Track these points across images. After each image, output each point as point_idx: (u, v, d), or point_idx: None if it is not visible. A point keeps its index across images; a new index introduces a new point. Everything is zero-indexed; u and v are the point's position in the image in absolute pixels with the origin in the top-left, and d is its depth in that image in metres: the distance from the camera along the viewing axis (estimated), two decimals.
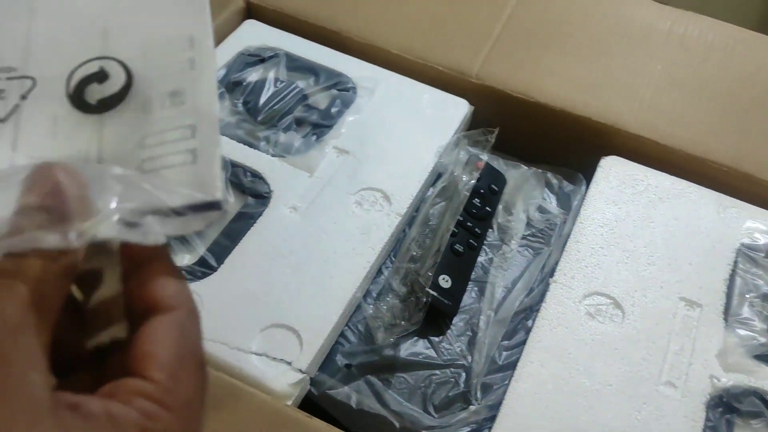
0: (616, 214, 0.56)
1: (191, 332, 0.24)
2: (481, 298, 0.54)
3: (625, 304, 0.51)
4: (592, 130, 0.63)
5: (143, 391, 0.21)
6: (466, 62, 0.65)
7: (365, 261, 0.52)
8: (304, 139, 0.59)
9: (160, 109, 0.26)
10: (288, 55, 0.65)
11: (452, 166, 0.59)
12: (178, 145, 0.26)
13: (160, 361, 0.22)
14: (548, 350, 0.48)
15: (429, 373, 0.50)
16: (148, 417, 0.21)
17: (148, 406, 0.21)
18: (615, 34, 0.68)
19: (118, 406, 0.21)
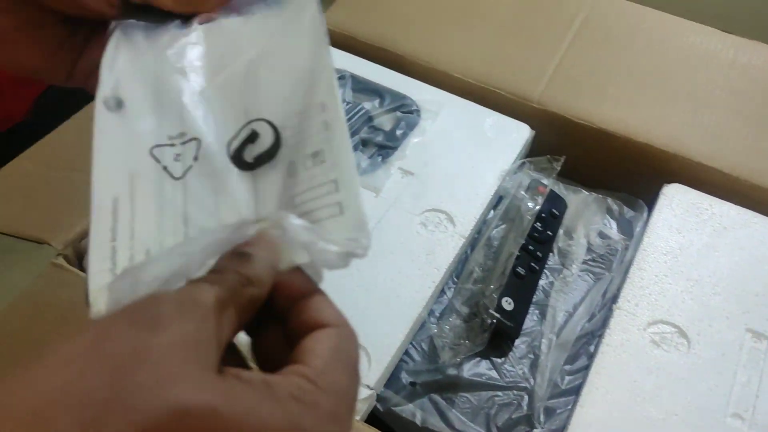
0: (680, 242, 0.56)
1: (348, 344, 0.25)
2: (543, 321, 0.55)
3: (691, 334, 0.51)
4: (653, 157, 0.63)
5: (299, 371, 0.23)
6: (528, 87, 0.66)
7: (430, 281, 0.52)
8: (370, 159, 0.60)
9: (303, 170, 0.29)
10: (354, 77, 0.67)
11: (514, 190, 0.60)
12: (325, 200, 0.28)
13: (318, 353, 0.24)
14: (613, 377, 0.48)
15: (492, 394, 0.51)
16: (300, 389, 0.22)
17: (302, 382, 0.23)
18: (678, 62, 0.68)
19: (274, 376, 0.23)
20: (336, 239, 0.26)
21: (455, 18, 0.73)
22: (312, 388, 0.23)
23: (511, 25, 0.72)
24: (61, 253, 0.52)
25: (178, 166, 0.30)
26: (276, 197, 0.29)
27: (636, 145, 0.63)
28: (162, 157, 0.31)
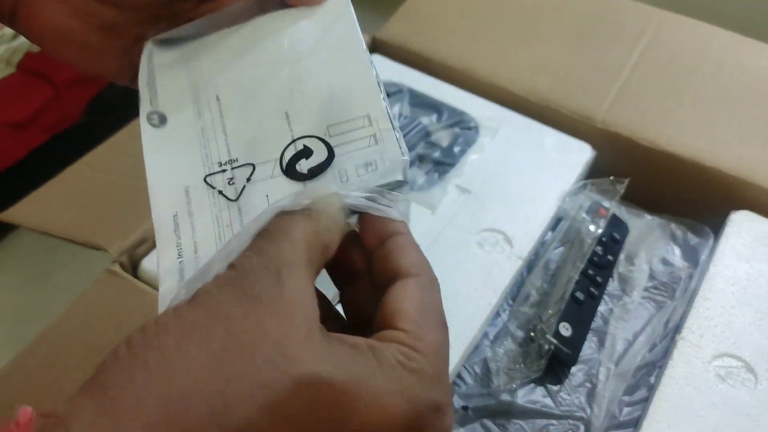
0: (748, 272, 0.54)
1: (433, 295, 0.26)
2: (601, 348, 0.53)
3: (759, 369, 0.48)
4: (721, 182, 0.61)
5: (397, 338, 0.23)
6: (591, 106, 0.65)
7: (486, 303, 0.51)
8: (427, 176, 0.60)
9: (356, 177, 0.29)
10: (411, 91, 0.66)
11: (574, 212, 0.58)
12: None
13: (408, 315, 0.24)
14: (676, 410, 0.46)
15: (546, 422, 0.49)
16: (404, 356, 0.23)
17: (404, 349, 0.23)
18: (748, 85, 0.66)
19: (378, 343, 0.23)
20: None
21: (517, 34, 0.72)
22: (414, 354, 0.23)
23: (575, 43, 0.70)
24: (117, 260, 0.53)
25: (231, 189, 0.31)
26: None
27: (703, 170, 0.61)
28: (215, 183, 0.31)
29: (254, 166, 0.31)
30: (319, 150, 0.31)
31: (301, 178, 0.31)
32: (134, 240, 0.54)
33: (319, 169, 0.31)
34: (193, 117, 0.33)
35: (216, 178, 0.31)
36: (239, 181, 0.31)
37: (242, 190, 0.31)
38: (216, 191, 0.31)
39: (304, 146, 0.31)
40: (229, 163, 0.32)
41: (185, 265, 0.28)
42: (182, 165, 0.32)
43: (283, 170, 0.31)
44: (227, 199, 0.31)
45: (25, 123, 1.42)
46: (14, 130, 1.40)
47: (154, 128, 0.33)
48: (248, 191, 0.31)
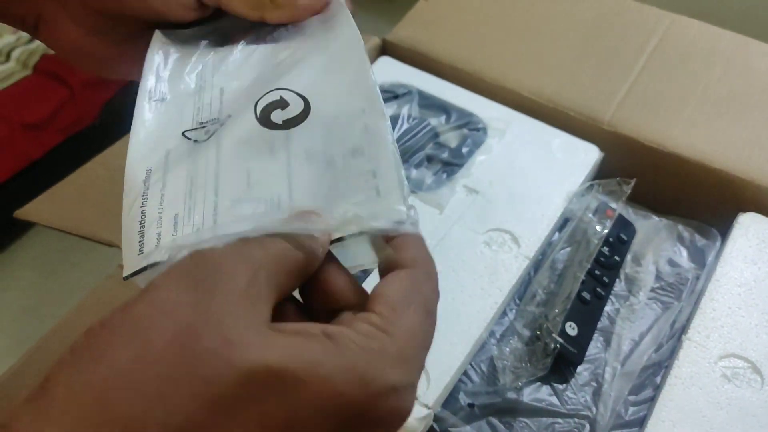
0: (755, 274, 0.54)
1: (424, 286, 0.25)
2: (607, 348, 0.53)
3: (765, 370, 0.49)
4: (728, 183, 0.61)
5: (366, 318, 0.23)
6: (598, 108, 0.65)
7: (493, 302, 0.52)
8: (435, 176, 0.60)
9: (342, 162, 0.29)
10: (420, 93, 0.67)
11: (581, 213, 0.58)
12: (362, 186, 0.29)
13: (387, 298, 0.24)
14: (681, 410, 0.47)
15: (552, 420, 0.49)
16: (365, 335, 0.22)
17: (367, 328, 0.23)
18: (757, 86, 0.66)
19: (336, 327, 0.23)
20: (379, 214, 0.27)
21: (526, 36, 0.72)
22: (378, 334, 0.23)
23: (584, 44, 0.71)
24: None
25: (204, 137, 0.31)
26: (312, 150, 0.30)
27: (710, 171, 0.61)
28: (193, 136, 0.32)
29: (230, 115, 0.32)
30: (296, 103, 0.31)
31: (275, 128, 0.31)
32: None
33: (294, 122, 0.31)
34: (192, 98, 0.34)
35: (195, 132, 0.32)
36: (212, 129, 0.32)
37: (214, 132, 0.31)
38: (192, 142, 0.31)
39: (281, 97, 0.31)
40: (211, 122, 0.32)
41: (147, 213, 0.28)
42: (167, 132, 0.32)
43: (257, 118, 0.31)
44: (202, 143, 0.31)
45: (41, 124, 1.44)
46: (31, 131, 1.42)
47: (151, 102, 0.33)
48: (223, 132, 0.31)
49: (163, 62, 0.35)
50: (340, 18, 0.36)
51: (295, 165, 0.29)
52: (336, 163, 0.29)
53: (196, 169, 0.30)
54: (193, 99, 0.34)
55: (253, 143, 0.30)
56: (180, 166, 0.30)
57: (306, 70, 0.33)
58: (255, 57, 0.35)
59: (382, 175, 0.28)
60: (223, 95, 0.34)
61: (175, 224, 0.28)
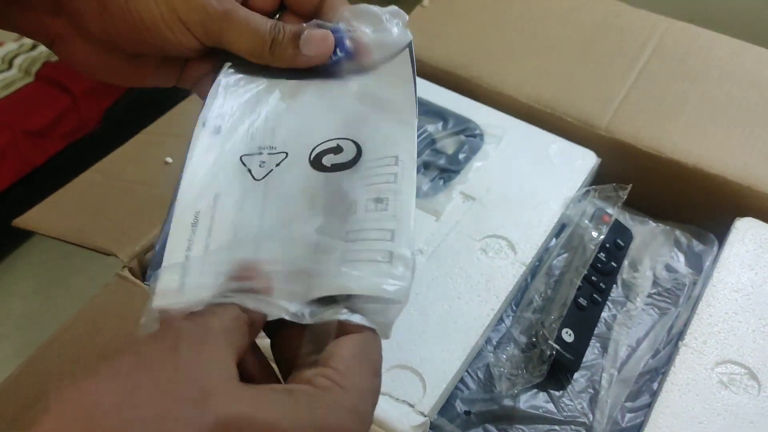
0: (752, 279, 0.54)
1: (371, 349, 0.28)
2: (604, 355, 0.53)
3: (762, 376, 0.48)
4: (725, 189, 0.61)
5: (323, 373, 0.26)
6: (595, 114, 0.65)
7: (489, 308, 0.52)
8: (432, 183, 0.60)
9: (364, 212, 0.30)
10: (418, 99, 0.67)
11: (578, 219, 0.58)
12: (377, 245, 0.29)
13: (342, 358, 0.26)
14: (677, 417, 0.47)
15: (548, 427, 0.49)
16: (323, 389, 0.25)
17: (325, 382, 0.25)
18: (753, 91, 0.66)
19: (295, 385, 0.25)
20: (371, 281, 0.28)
21: (523, 42, 0.72)
22: (334, 387, 0.25)
23: (580, 50, 0.71)
24: (127, 266, 0.54)
25: (261, 171, 0.33)
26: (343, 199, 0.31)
27: (707, 177, 0.61)
28: (248, 163, 0.33)
29: (287, 154, 0.33)
30: (350, 150, 0.33)
31: (323, 170, 0.32)
32: (144, 245, 0.55)
33: (341, 166, 0.32)
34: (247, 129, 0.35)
35: (252, 159, 0.33)
36: (269, 166, 0.33)
37: (269, 173, 0.33)
38: (246, 170, 0.33)
39: (338, 144, 0.33)
40: (268, 148, 0.34)
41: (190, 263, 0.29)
42: (221, 168, 0.33)
43: (310, 161, 0.33)
44: (253, 179, 0.32)
45: (43, 131, 1.44)
46: (32, 137, 1.43)
47: (207, 132, 0.34)
48: (274, 175, 0.32)
49: (223, 95, 0.36)
50: (404, 55, 0.38)
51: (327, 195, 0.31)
52: (358, 209, 0.30)
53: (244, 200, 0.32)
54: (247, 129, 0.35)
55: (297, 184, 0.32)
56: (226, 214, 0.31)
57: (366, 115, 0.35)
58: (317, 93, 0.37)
59: (399, 238, 0.29)
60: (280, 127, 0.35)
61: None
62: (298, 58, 0.36)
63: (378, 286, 0.27)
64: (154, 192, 0.31)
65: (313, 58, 0.36)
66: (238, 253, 0.29)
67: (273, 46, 0.35)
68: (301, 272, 0.28)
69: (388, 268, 0.28)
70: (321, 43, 0.36)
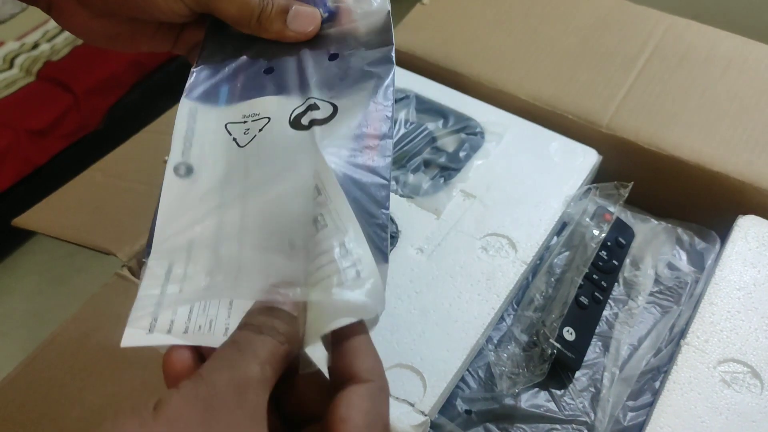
0: (755, 277, 0.54)
1: (381, 403, 0.27)
2: (605, 353, 0.53)
3: (764, 375, 0.48)
4: (728, 186, 0.60)
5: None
6: (596, 111, 0.65)
7: (490, 307, 0.51)
8: (432, 181, 0.60)
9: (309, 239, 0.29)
10: (418, 97, 0.67)
11: (579, 217, 0.58)
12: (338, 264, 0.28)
13: (353, 423, 0.25)
14: (679, 416, 0.46)
15: (550, 427, 0.49)
16: None
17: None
18: (756, 88, 0.65)
19: None
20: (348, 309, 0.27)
21: (523, 39, 0.72)
22: None
23: (582, 47, 0.70)
24: (126, 265, 0.54)
25: (245, 138, 0.34)
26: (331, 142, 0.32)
27: (709, 174, 0.61)
28: (233, 131, 0.34)
29: (270, 119, 0.34)
30: (325, 109, 0.33)
31: (301, 128, 0.33)
32: (142, 244, 0.55)
33: (321, 122, 0.33)
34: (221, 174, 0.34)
35: (236, 127, 0.34)
36: (252, 132, 0.34)
37: (252, 138, 0.34)
38: (231, 138, 0.34)
39: (315, 102, 0.33)
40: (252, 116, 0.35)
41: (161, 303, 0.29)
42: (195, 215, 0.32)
43: (290, 122, 0.33)
44: (237, 146, 0.33)
45: (45, 130, 1.44)
46: (35, 137, 1.43)
47: (179, 178, 0.33)
48: (257, 140, 0.33)
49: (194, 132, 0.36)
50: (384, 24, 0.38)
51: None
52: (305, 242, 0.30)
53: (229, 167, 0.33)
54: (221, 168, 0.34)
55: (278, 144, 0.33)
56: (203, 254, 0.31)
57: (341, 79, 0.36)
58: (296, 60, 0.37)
59: (356, 249, 0.28)
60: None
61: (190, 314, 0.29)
62: (284, 33, 0.36)
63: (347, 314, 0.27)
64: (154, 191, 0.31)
65: (300, 34, 0.37)
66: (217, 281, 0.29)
67: (261, 17, 0.36)
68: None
69: (350, 293, 0.27)
70: (308, 19, 0.36)
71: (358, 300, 0.26)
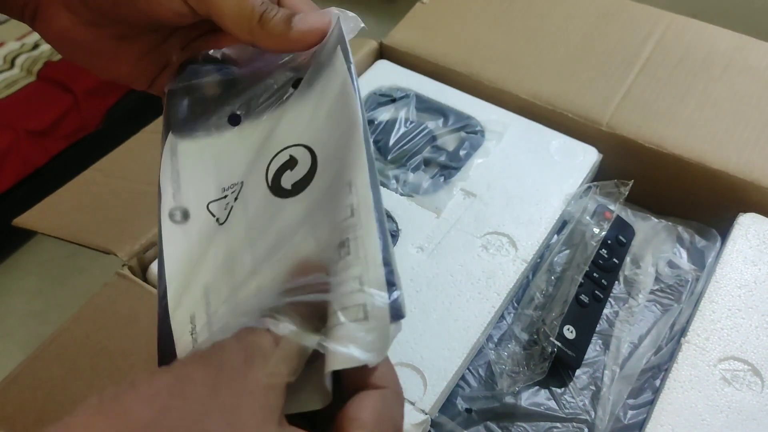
0: (756, 275, 0.54)
1: (394, 408, 0.26)
2: (606, 351, 0.53)
3: (765, 372, 0.48)
4: (728, 184, 0.60)
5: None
6: (597, 110, 0.65)
7: (490, 306, 0.51)
8: (432, 179, 0.60)
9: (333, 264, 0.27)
10: (418, 96, 0.67)
11: (579, 215, 0.58)
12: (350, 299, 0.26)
13: (363, 423, 0.25)
14: (680, 414, 0.46)
15: (550, 425, 0.49)
16: None
17: None
18: (757, 86, 0.65)
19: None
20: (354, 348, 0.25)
21: (523, 38, 0.72)
22: None
23: (582, 46, 0.70)
24: (127, 264, 0.54)
25: (224, 213, 0.31)
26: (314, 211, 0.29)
27: (710, 172, 0.60)
28: (215, 210, 0.32)
29: (243, 183, 0.31)
30: (304, 160, 0.30)
31: (285, 195, 0.30)
32: (143, 244, 0.55)
33: (302, 184, 0.29)
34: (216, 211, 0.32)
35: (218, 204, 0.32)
36: (229, 203, 0.31)
37: (230, 211, 0.31)
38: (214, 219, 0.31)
39: (290, 156, 0.30)
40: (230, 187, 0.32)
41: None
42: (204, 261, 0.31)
43: (269, 185, 0.30)
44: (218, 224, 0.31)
45: (45, 131, 1.44)
46: (35, 137, 1.43)
47: (176, 224, 0.32)
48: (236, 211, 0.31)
49: (179, 169, 0.34)
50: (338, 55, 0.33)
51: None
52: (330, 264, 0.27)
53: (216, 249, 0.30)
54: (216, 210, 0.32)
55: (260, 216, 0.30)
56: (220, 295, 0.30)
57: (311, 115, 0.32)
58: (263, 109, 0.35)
59: (368, 284, 0.25)
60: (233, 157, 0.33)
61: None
62: (288, 35, 0.32)
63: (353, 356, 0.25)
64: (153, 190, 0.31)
65: (307, 34, 0.33)
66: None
67: (263, 19, 0.32)
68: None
69: (368, 326, 0.25)
70: (318, 17, 0.33)
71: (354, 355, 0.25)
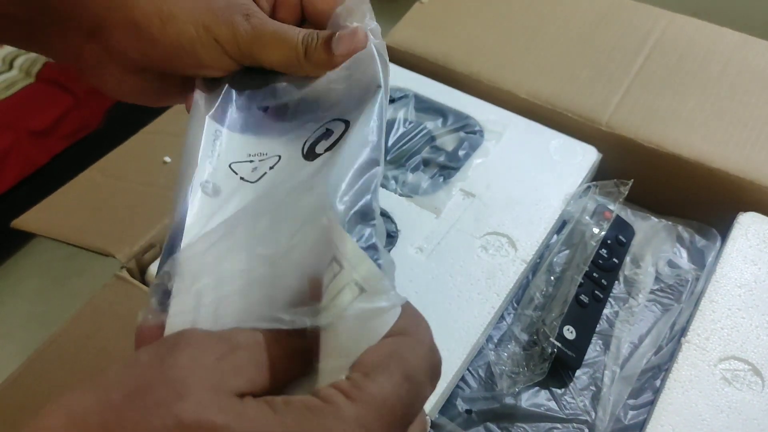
0: (756, 274, 0.53)
1: (409, 352, 0.24)
2: (606, 352, 0.53)
3: (765, 372, 0.48)
4: (728, 183, 0.60)
5: (336, 383, 0.23)
6: (596, 109, 0.65)
7: (489, 306, 0.51)
8: (432, 180, 0.60)
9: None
10: (417, 96, 0.67)
11: (579, 215, 0.58)
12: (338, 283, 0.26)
13: (362, 364, 0.24)
14: (680, 414, 0.46)
15: (550, 426, 0.49)
16: (324, 399, 0.22)
17: (330, 392, 0.23)
18: (756, 85, 0.65)
19: (297, 397, 0.23)
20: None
21: (522, 37, 0.72)
22: (337, 398, 0.22)
23: (581, 45, 0.70)
24: (125, 266, 0.54)
25: (253, 174, 0.32)
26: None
27: (709, 171, 0.60)
28: (239, 170, 0.32)
29: (280, 156, 0.32)
30: (338, 130, 0.31)
31: (313, 158, 0.31)
32: (142, 246, 0.55)
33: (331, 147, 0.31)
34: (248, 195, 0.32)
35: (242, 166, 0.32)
36: (262, 170, 0.32)
37: (263, 175, 0.32)
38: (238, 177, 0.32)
39: (326, 129, 0.32)
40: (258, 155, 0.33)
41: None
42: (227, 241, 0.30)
43: (303, 154, 0.32)
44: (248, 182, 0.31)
45: (45, 131, 1.44)
46: (36, 138, 1.43)
47: (207, 196, 0.32)
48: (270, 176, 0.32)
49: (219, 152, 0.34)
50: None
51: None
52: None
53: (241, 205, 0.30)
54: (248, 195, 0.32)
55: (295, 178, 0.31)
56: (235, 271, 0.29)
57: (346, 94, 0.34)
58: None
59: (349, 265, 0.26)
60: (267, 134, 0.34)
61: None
62: (333, 60, 0.34)
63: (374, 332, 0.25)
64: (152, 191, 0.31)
65: (346, 55, 0.35)
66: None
67: (308, 53, 0.34)
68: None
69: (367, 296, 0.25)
70: (351, 39, 0.34)
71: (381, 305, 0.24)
